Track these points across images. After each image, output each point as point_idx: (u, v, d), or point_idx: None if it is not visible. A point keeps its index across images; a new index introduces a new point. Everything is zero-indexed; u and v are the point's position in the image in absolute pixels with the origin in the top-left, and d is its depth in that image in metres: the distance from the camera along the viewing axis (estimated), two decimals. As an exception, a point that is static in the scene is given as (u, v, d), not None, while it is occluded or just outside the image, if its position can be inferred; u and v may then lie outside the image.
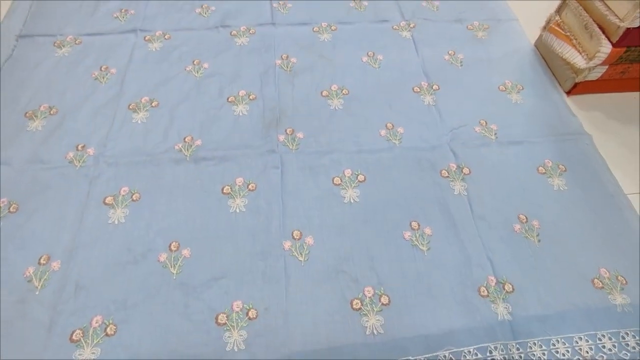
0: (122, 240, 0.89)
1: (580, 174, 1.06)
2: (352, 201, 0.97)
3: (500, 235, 0.94)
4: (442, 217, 0.96)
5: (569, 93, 1.25)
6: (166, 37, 1.30)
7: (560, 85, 1.27)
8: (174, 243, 0.89)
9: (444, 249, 0.92)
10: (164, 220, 0.92)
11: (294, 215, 0.94)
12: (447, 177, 1.03)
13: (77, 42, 1.27)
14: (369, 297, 0.84)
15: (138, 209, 0.94)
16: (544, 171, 1.06)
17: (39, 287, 0.83)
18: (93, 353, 0.76)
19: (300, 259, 0.88)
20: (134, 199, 0.95)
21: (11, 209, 0.93)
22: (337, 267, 0.88)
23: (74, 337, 0.77)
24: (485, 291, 0.86)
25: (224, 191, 0.97)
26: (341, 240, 0.91)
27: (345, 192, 0.99)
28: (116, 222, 0.92)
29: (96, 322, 0.79)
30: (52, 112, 1.10)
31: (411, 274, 0.88)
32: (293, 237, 0.91)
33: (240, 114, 1.12)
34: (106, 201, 0.95)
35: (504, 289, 0.87)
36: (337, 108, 1.15)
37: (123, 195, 0.96)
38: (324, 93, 1.19)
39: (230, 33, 1.32)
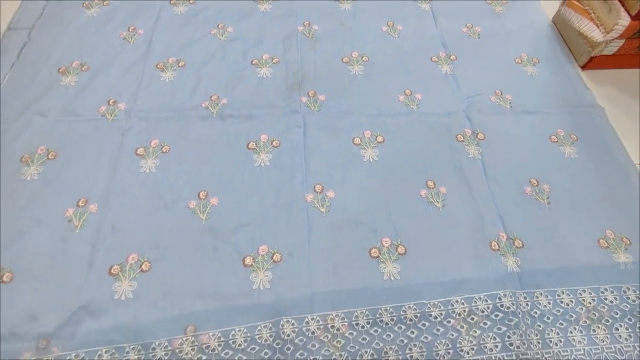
0: (154, 188, 0.95)
1: (592, 144, 1.10)
2: (371, 160, 1.02)
3: (512, 196, 0.99)
4: (457, 178, 1.01)
5: (584, 67, 1.28)
6: (190, 1, 1.33)
7: (575, 59, 1.30)
8: (202, 192, 0.95)
9: (458, 206, 0.96)
10: (193, 172, 0.98)
11: (316, 171, 0.99)
12: (463, 141, 1.07)
13: (104, 3, 1.30)
14: (387, 247, 0.89)
15: (168, 160, 0.99)
16: (556, 140, 1.10)
17: (79, 227, 0.88)
18: (130, 286, 0.82)
19: (322, 210, 0.93)
20: (164, 151, 1.00)
21: (49, 156, 0.98)
22: (356, 219, 0.93)
23: (112, 271, 0.83)
24: (497, 245, 0.91)
25: (249, 147, 1.02)
26: (360, 195, 0.96)
27: (364, 152, 1.03)
28: (147, 171, 0.97)
29: (132, 259, 0.85)
30: (83, 69, 1.14)
31: (426, 228, 0.93)
32: (315, 191, 0.96)
33: (264, 76, 1.16)
34: (138, 152, 1.00)
35: (514, 244, 0.92)
36: (357, 74, 1.19)
37: (153, 147, 1.01)
38: (345, 59, 1.22)
39: (254, -1, 1.35)
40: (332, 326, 0.79)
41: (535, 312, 0.84)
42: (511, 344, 0.79)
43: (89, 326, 0.77)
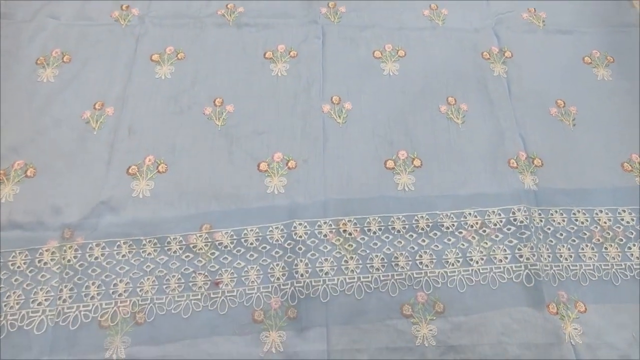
0: (169, 94, 0.94)
1: (628, 66, 1.03)
2: (391, 74, 0.98)
3: (536, 116, 0.95)
4: (479, 95, 0.97)
5: (629, -14, 1.17)
6: None
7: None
8: (218, 99, 0.93)
9: (478, 124, 0.94)
10: (208, 79, 0.96)
11: (334, 82, 0.96)
12: (488, 59, 1.02)
13: None
14: (402, 159, 0.88)
15: (183, 67, 0.97)
16: (589, 61, 1.04)
17: (96, 128, 0.89)
18: (147, 185, 0.83)
19: (339, 121, 0.92)
20: (179, 57, 0.98)
21: (64, 59, 0.96)
22: (373, 131, 0.91)
23: (130, 171, 0.85)
24: (515, 163, 0.89)
25: (266, 56, 0.99)
26: (378, 108, 0.94)
27: (384, 65, 0.99)
28: (163, 77, 0.95)
29: (149, 161, 0.86)
30: (94, -28, 1.09)
31: (444, 143, 0.91)
32: (332, 102, 0.94)
33: (282, -15, 1.09)
34: (153, 58, 0.97)
35: (533, 163, 0.90)
36: (381, -15, 1.12)
37: (168, 54, 0.98)
38: (368, -30, 1.14)
39: None
40: (344, 230, 0.80)
41: (549, 229, 0.84)
42: (521, 256, 0.80)
43: (109, 220, 0.80)
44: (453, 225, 0.82)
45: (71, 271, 0.74)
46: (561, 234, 0.83)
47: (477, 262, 0.80)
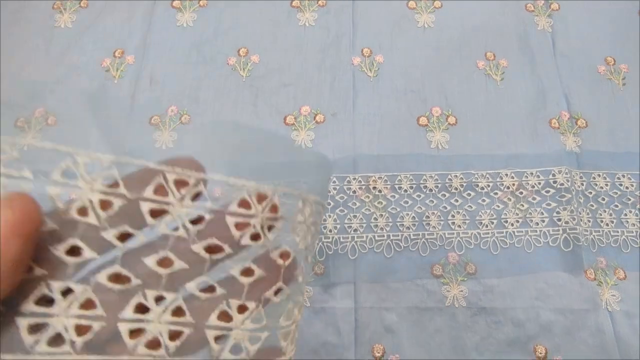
0: (191, 42, 0.89)
1: (685, 23, 0.95)
2: (426, 26, 0.92)
3: (582, 74, 0.88)
4: (521, 50, 0.90)
5: None
6: None
7: None
8: (242, 49, 0.89)
9: (518, 81, 0.87)
10: (232, 28, 0.91)
11: (365, 35, 0.90)
12: (533, 11, 0.94)
13: None
14: (436, 116, 0.83)
15: (205, 14, 0.92)
16: (642, 16, 0.96)
17: (117, 77, 0.86)
18: (170, 136, 0.81)
19: (369, 74, 0.87)
20: (201, 5, 0.93)
21: (82, 4, 0.92)
22: (405, 86, 0.86)
23: (152, 121, 0.82)
24: (557, 124, 0.84)
25: (293, 4, 0.93)
26: (412, 63, 0.88)
27: (419, 17, 0.93)
28: (184, 25, 0.91)
29: (171, 111, 0.83)
30: None
31: (481, 101, 0.85)
32: (363, 54, 0.88)
33: None
34: (173, 4, 0.92)
35: (577, 124, 0.84)
36: None
37: (190, 1, 0.93)
38: None
39: None
40: (374, 187, 0.77)
41: (590, 192, 0.79)
42: (559, 220, 0.76)
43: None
44: (488, 185, 0.78)
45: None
46: (603, 199, 0.79)
47: (512, 225, 0.76)
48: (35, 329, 0.22)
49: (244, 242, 0.26)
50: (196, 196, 0.27)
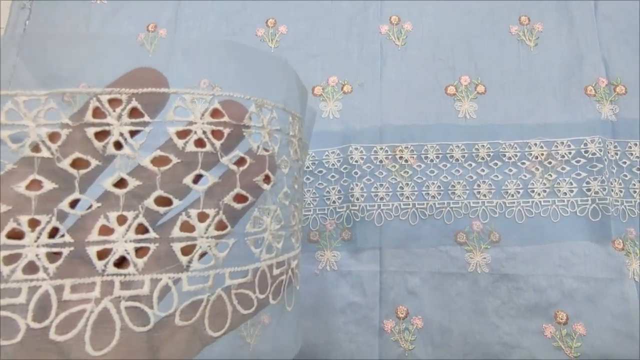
0: (221, 15, 0.91)
1: None
2: (457, -10, 0.89)
3: (625, 37, 0.84)
4: (558, 13, 0.86)
5: None
6: None
7: None
8: (270, 20, 0.90)
9: (553, 46, 0.84)
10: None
11: (392, 1, 0.89)
12: (574, -30, 0.89)
13: None
14: (465, 85, 0.83)
15: (234, -15, 0.93)
16: (697, -29, 0.88)
17: (151, 51, 0.89)
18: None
19: (397, 43, 0.86)
20: (229, -25, 0.94)
21: (115, -20, 0.95)
22: (434, 54, 0.85)
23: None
24: (593, 91, 0.81)
25: (320, -28, 0.92)
26: (441, 30, 0.86)
27: (451, -20, 0.90)
28: (213, -3, 0.93)
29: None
30: None
31: (513, 69, 0.83)
32: (391, 22, 0.87)
33: None
34: (202, -24, 0.94)
35: (615, 90, 0.81)
36: None
37: (218, -29, 0.94)
38: None
39: None
40: (401, 157, 0.78)
41: (624, 162, 0.77)
42: (589, 190, 0.75)
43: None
44: (516, 155, 0.78)
45: None
46: (638, 169, 0.77)
47: (538, 195, 0.76)
48: (9, 259, 0.23)
49: (188, 149, 0.27)
50: (140, 113, 0.27)
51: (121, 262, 0.25)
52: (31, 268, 0.23)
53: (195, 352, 0.27)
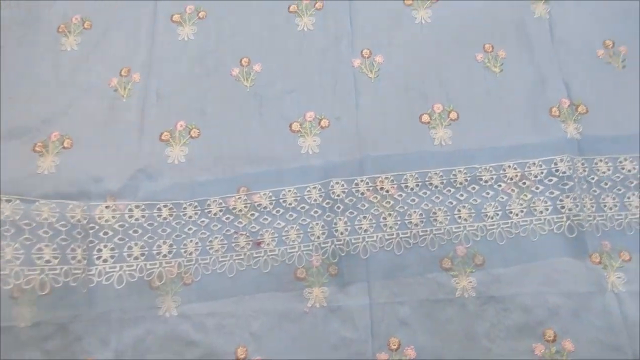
0: (194, 56, 0.91)
1: (684, -2, 0.94)
2: (423, 22, 0.93)
3: (581, 59, 0.89)
4: (518, 40, 0.91)
5: None
6: None
7: None
8: (244, 58, 0.91)
9: (517, 71, 0.88)
10: (232, 37, 0.92)
11: (363, 35, 0.91)
12: (529, -2, 0.95)
13: None
14: (438, 113, 0.85)
15: (205, 26, 0.94)
16: (640, -5, 0.95)
17: (125, 96, 0.89)
18: (182, 151, 0.84)
19: (370, 75, 0.88)
20: (200, 17, 0.94)
21: (85, 26, 0.94)
22: (406, 84, 0.88)
23: (163, 137, 0.85)
24: (557, 112, 0.85)
25: (290, 10, 0.94)
26: (411, 60, 0.90)
27: (416, 13, 0.93)
28: (186, 38, 0.93)
29: (180, 126, 0.86)
30: None
31: (481, 94, 0.87)
32: (362, 56, 0.90)
33: None
34: (173, 19, 0.94)
35: (577, 110, 0.85)
36: None
37: (189, 13, 0.94)
38: None
39: None
40: (382, 188, 0.79)
41: (593, 178, 0.81)
42: (563, 207, 0.78)
43: (148, 187, 0.81)
44: (492, 178, 0.80)
45: (110, 231, 0.77)
46: (606, 183, 0.80)
47: (516, 215, 0.78)
48: None
49: None
50: None
51: None
52: None
53: None
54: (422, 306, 0.73)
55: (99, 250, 0.76)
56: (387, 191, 0.79)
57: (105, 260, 0.75)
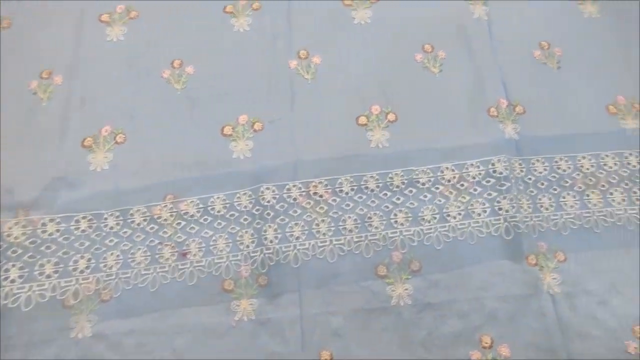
0: (123, 58, 0.87)
1: (616, 2, 0.96)
2: (362, 22, 0.91)
3: (518, 60, 0.89)
4: (458, 41, 0.90)
5: None
6: None
7: None
8: (176, 61, 0.86)
9: (456, 72, 0.87)
10: (165, 39, 0.88)
11: (301, 35, 0.89)
12: (468, 0, 0.94)
13: None
14: (376, 115, 0.83)
15: (136, 27, 0.89)
16: (576, -4, 0.96)
17: (45, 99, 0.83)
18: (105, 157, 0.79)
19: (307, 77, 0.86)
20: (132, 17, 0.90)
21: (4, 24, 0.88)
22: (344, 86, 0.85)
23: (85, 143, 0.80)
24: (495, 112, 0.84)
25: (226, 10, 0.91)
26: (349, 61, 0.87)
27: (355, 13, 0.91)
28: (115, 39, 0.88)
29: (105, 132, 0.81)
30: None
31: (420, 95, 0.85)
32: (299, 57, 0.87)
33: None
34: (102, 19, 0.89)
35: (515, 110, 0.85)
36: None
37: (119, 13, 0.90)
38: None
39: None
40: (315, 193, 0.76)
41: (530, 179, 0.80)
42: (500, 209, 0.77)
43: (67, 196, 0.76)
44: (429, 181, 0.79)
45: (20, 249, 0.71)
46: (542, 184, 0.80)
47: (454, 218, 0.77)
48: None
49: None
50: None
51: None
52: None
53: None
54: (355, 316, 0.70)
55: (7, 270, 0.70)
56: (321, 196, 0.76)
57: (12, 281, 0.69)
